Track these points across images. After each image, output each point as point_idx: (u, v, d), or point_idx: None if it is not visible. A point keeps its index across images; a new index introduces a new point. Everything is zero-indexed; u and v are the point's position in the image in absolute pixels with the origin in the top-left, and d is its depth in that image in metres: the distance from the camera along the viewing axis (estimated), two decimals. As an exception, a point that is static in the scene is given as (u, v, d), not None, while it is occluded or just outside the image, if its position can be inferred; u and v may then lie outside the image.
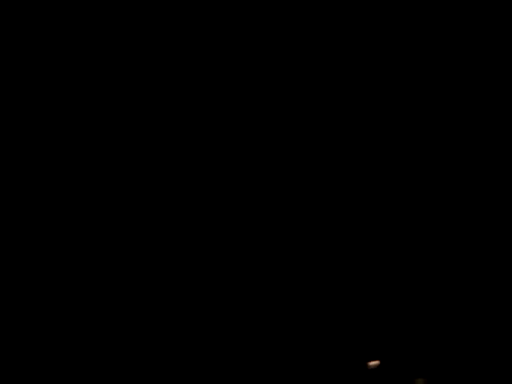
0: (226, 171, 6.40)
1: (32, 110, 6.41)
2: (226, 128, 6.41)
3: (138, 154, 6.48)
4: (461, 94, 6.25)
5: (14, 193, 6.41)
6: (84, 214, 6.40)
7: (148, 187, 6.46)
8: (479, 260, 5.88)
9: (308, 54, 6.28)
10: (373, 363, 5.66)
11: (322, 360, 5.97)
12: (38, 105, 6.40)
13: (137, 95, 6.46)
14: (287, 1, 6.23)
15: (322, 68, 6.31)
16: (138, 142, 6.49)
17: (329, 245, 6.13)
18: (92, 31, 6.31)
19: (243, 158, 6.39)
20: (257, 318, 6.10)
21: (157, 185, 6.46)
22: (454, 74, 6.25)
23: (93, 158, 6.50)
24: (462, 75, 6.23)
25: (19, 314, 6.09)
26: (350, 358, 5.94)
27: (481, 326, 5.73)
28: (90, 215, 6.40)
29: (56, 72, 6.35)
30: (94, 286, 6.20)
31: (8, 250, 6.25)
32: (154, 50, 6.37)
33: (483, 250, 5.87)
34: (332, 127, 6.36)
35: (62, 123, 6.45)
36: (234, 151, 6.40)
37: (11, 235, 6.30)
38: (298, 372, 5.87)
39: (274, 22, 6.27)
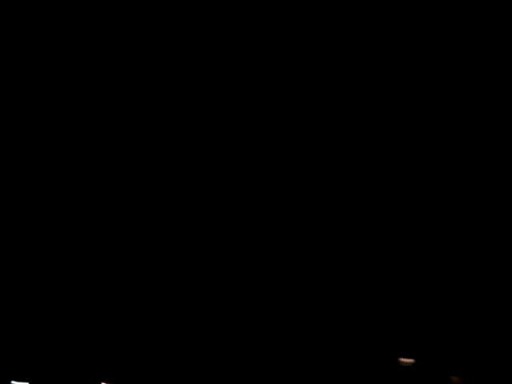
0: (225, 171, 6.40)
1: (32, 110, 6.41)
2: (225, 128, 6.40)
3: (138, 154, 6.48)
4: (461, 94, 6.25)
5: (13, 193, 6.41)
6: (84, 213, 6.40)
7: (148, 187, 6.45)
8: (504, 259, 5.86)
9: (308, 55, 6.27)
10: (406, 360, 5.67)
11: (357, 357, 5.96)
12: (38, 105, 6.39)
13: (137, 95, 6.45)
14: (287, 1, 6.22)
15: (322, 68, 6.30)
16: (137, 142, 6.49)
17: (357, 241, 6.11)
18: (92, 31, 6.31)
19: (243, 158, 6.38)
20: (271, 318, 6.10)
21: (157, 185, 6.46)
22: (453, 74, 6.24)
23: (93, 158, 6.50)
24: (461, 75, 6.22)
25: (19, 313, 6.08)
26: (384, 355, 5.95)
27: None
28: (89, 215, 6.40)
29: (56, 72, 6.34)
30: (94, 285, 6.20)
31: (8, 250, 6.25)
32: (154, 50, 6.36)
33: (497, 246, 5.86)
34: (332, 127, 6.36)
35: (61, 123, 6.44)
36: (234, 151, 6.39)
37: (11, 235, 6.30)
38: (332, 369, 5.84)
39: (274, 22, 6.26)
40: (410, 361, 5.71)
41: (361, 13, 6.19)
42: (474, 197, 6.16)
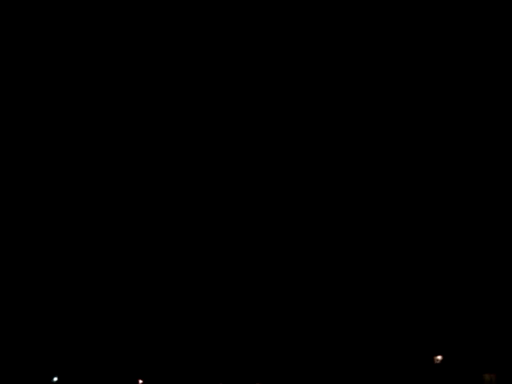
0: (225, 171, 6.43)
1: (32, 110, 6.44)
2: (225, 128, 6.43)
3: (138, 154, 6.51)
4: (461, 94, 6.29)
5: (13, 193, 6.45)
6: (84, 213, 6.43)
7: (148, 187, 6.49)
8: None
9: (308, 55, 6.30)
10: (438, 358, 5.73)
11: (390, 355, 6.00)
12: (38, 105, 6.42)
13: (137, 95, 6.48)
14: (288, 1, 6.25)
15: (322, 68, 6.33)
16: (137, 142, 6.52)
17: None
18: (92, 32, 6.34)
19: (243, 158, 6.41)
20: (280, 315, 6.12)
21: (156, 185, 6.49)
22: (453, 75, 6.28)
23: (92, 159, 6.53)
24: (461, 75, 6.26)
25: (19, 313, 6.10)
26: (417, 353, 6.00)
27: None
28: (89, 215, 6.43)
29: (56, 72, 6.36)
30: (94, 285, 6.22)
31: (8, 250, 6.28)
32: (154, 51, 6.39)
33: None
34: (332, 127, 6.39)
35: (61, 123, 6.48)
36: (234, 151, 6.43)
37: (11, 235, 6.33)
38: (368, 366, 5.86)
39: (274, 22, 6.29)
40: (440, 358, 5.77)
41: (361, 13, 6.24)
42: (474, 197, 6.23)
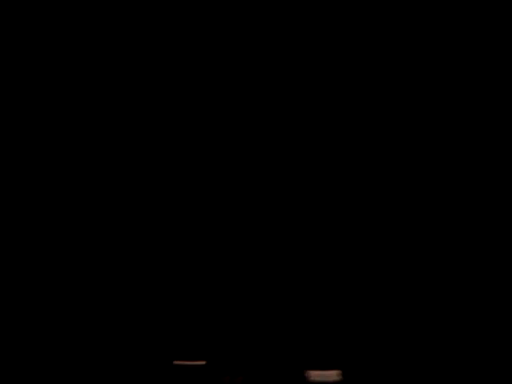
0: (225, 171, 6.41)
1: (32, 110, 6.42)
2: (225, 128, 6.41)
3: (138, 154, 6.49)
4: (461, 94, 6.26)
5: (14, 193, 6.42)
6: (84, 213, 6.41)
7: (148, 187, 6.47)
8: None
9: (308, 55, 6.29)
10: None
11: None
12: (38, 105, 6.40)
13: (137, 96, 6.47)
14: (288, 1, 6.23)
15: (322, 68, 6.31)
16: (137, 142, 6.50)
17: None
18: (92, 32, 6.32)
19: (243, 159, 6.40)
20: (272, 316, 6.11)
21: (156, 185, 6.47)
22: (453, 75, 6.26)
23: (92, 159, 6.51)
24: (461, 75, 6.24)
25: (19, 313, 6.09)
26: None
27: None
28: (89, 215, 6.41)
29: (56, 72, 6.35)
30: (94, 285, 6.20)
31: (8, 250, 6.26)
32: (154, 51, 6.37)
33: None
34: (332, 127, 6.37)
35: (62, 123, 6.45)
36: (234, 151, 6.41)
37: (11, 235, 6.31)
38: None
39: (275, 22, 6.27)
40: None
41: (361, 13, 6.21)
42: (474, 196, 6.18)
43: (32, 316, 6.19)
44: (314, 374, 5.57)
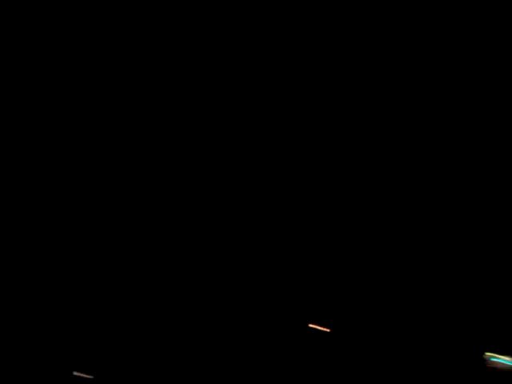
0: (225, 171, 6.40)
1: (32, 110, 6.41)
2: (225, 128, 6.41)
3: (138, 154, 6.48)
4: (461, 94, 6.26)
5: (14, 193, 6.41)
6: (84, 214, 6.40)
7: (147, 188, 6.46)
8: None
9: (308, 55, 6.28)
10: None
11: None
12: (38, 105, 6.40)
13: (137, 96, 6.46)
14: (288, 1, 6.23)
15: (322, 69, 6.31)
16: (137, 142, 6.49)
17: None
18: (92, 32, 6.31)
19: (243, 159, 6.39)
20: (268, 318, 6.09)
21: (156, 185, 6.46)
22: (453, 75, 6.25)
23: (92, 159, 6.50)
24: (461, 75, 6.23)
25: (19, 313, 6.08)
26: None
27: None
28: (89, 215, 6.40)
29: (56, 72, 6.35)
30: (94, 285, 6.19)
31: (8, 250, 6.25)
32: (154, 51, 6.36)
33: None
34: (332, 128, 6.36)
35: (61, 124, 6.45)
36: (234, 152, 6.40)
37: (11, 236, 6.30)
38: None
39: (275, 22, 6.27)
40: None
41: (361, 13, 6.20)
42: (474, 196, 6.18)
43: (32, 316, 6.19)
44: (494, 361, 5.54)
